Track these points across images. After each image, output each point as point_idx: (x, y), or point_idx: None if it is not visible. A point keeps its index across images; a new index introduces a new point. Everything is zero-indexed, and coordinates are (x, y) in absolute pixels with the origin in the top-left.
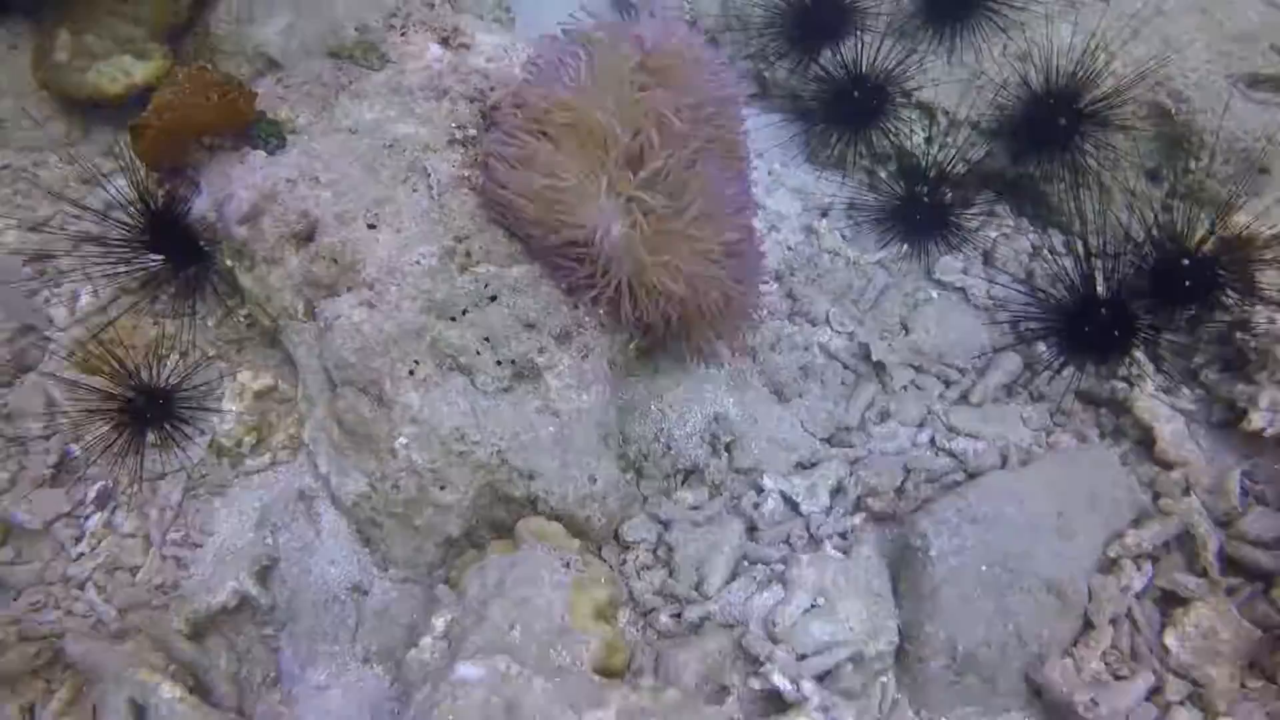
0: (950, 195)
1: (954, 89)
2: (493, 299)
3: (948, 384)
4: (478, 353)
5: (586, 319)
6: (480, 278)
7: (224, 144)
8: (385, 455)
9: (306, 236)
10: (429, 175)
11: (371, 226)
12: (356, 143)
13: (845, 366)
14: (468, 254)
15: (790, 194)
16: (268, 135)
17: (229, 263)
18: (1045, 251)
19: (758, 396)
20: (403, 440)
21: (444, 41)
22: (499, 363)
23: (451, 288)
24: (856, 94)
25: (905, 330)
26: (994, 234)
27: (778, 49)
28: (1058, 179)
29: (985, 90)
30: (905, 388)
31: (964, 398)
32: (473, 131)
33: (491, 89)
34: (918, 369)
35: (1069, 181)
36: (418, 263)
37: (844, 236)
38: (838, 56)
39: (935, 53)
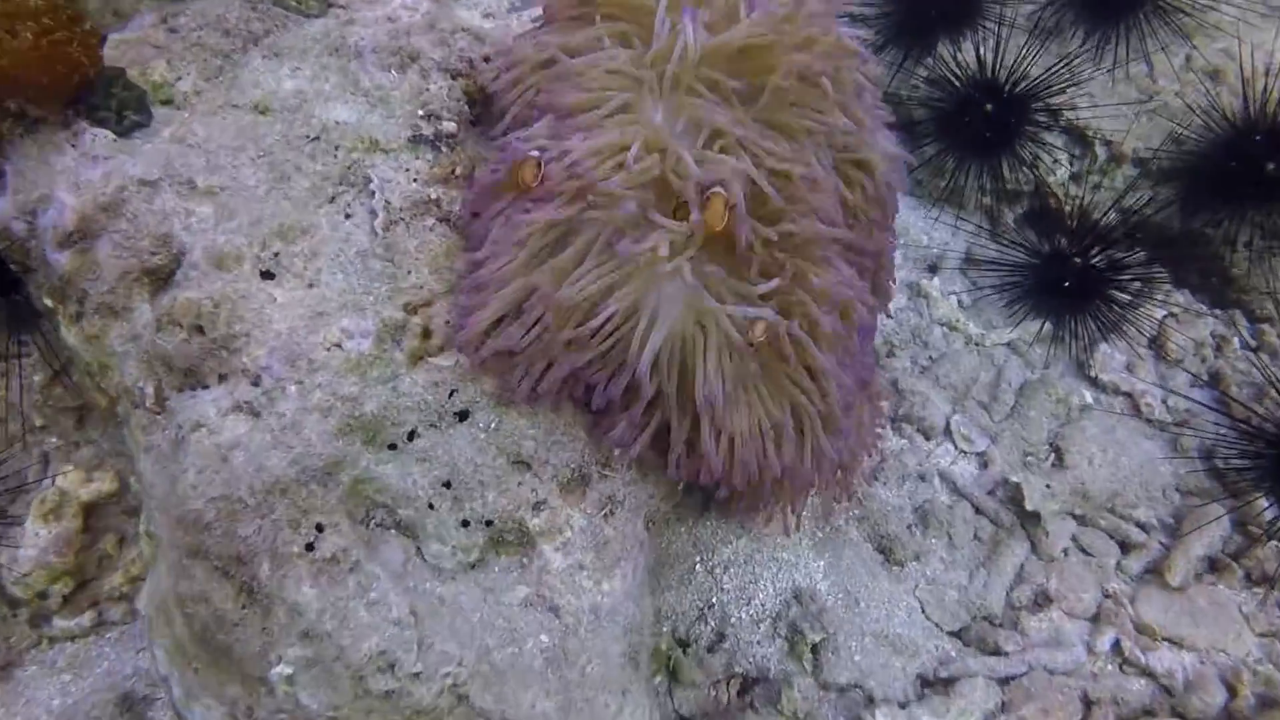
0: (1100, 254)
1: (1116, 111)
2: (462, 416)
3: (1126, 546)
4: (431, 505)
5: (615, 454)
6: (443, 378)
7: (46, 115)
8: (255, 686)
9: (167, 276)
10: (374, 194)
11: (267, 275)
12: (264, 129)
13: (977, 510)
14: (425, 333)
15: None
16: (121, 106)
17: (48, 302)
18: (1235, 344)
19: (856, 559)
20: (283, 670)
21: None
22: (465, 523)
23: (393, 393)
24: (988, 107)
25: (1057, 455)
26: (1160, 313)
27: (876, 36)
28: (1243, 243)
29: (1159, 116)
30: (1067, 551)
31: (1154, 571)
32: (451, 124)
33: (487, 59)
34: (1081, 519)
35: (1259, 247)
36: (339, 345)
37: (961, 303)
38: (959, 54)
39: (1092, 60)
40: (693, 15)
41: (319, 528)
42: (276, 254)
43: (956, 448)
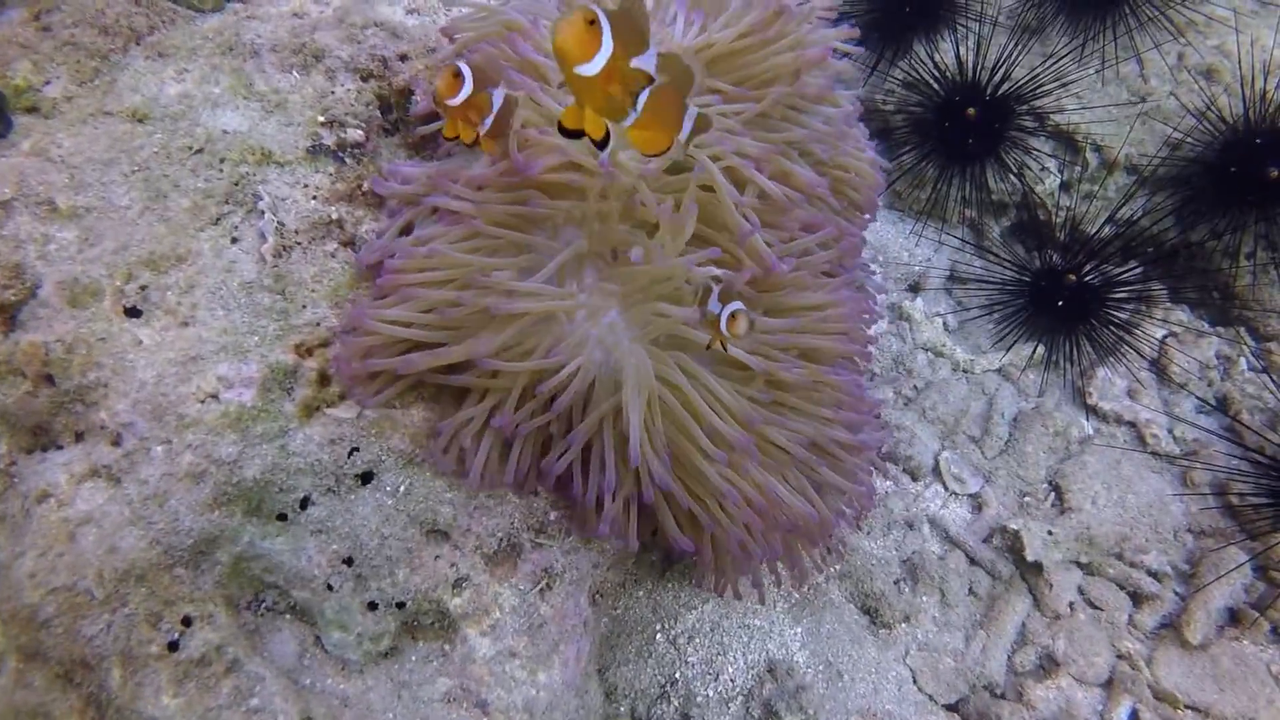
0: (1092, 268)
1: (1107, 115)
2: (365, 478)
3: (1138, 598)
4: (330, 586)
5: (552, 516)
6: (343, 433)
7: None
8: None
9: (16, 308)
10: (264, 213)
11: (132, 313)
12: (141, 140)
13: (972, 560)
14: (321, 379)
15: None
16: None
17: None
18: (1242, 365)
19: (839, 623)
20: None
21: None
22: (372, 606)
23: (282, 453)
24: (970, 111)
25: (1057, 494)
26: (1160, 332)
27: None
28: (1245, 254)
29: (1152, 119)
30: (1073, 605)
31: (1170, 626)
32: (358, 132)
33: (403, 58)
34: (1087, 568)
35: (1263, 260)
36: (215, 396)
37: (947, 326)
38: (936, 54)
39: (1078, 59)
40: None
41: (186, 621)
42: (144, 287)
43: (947, 489)
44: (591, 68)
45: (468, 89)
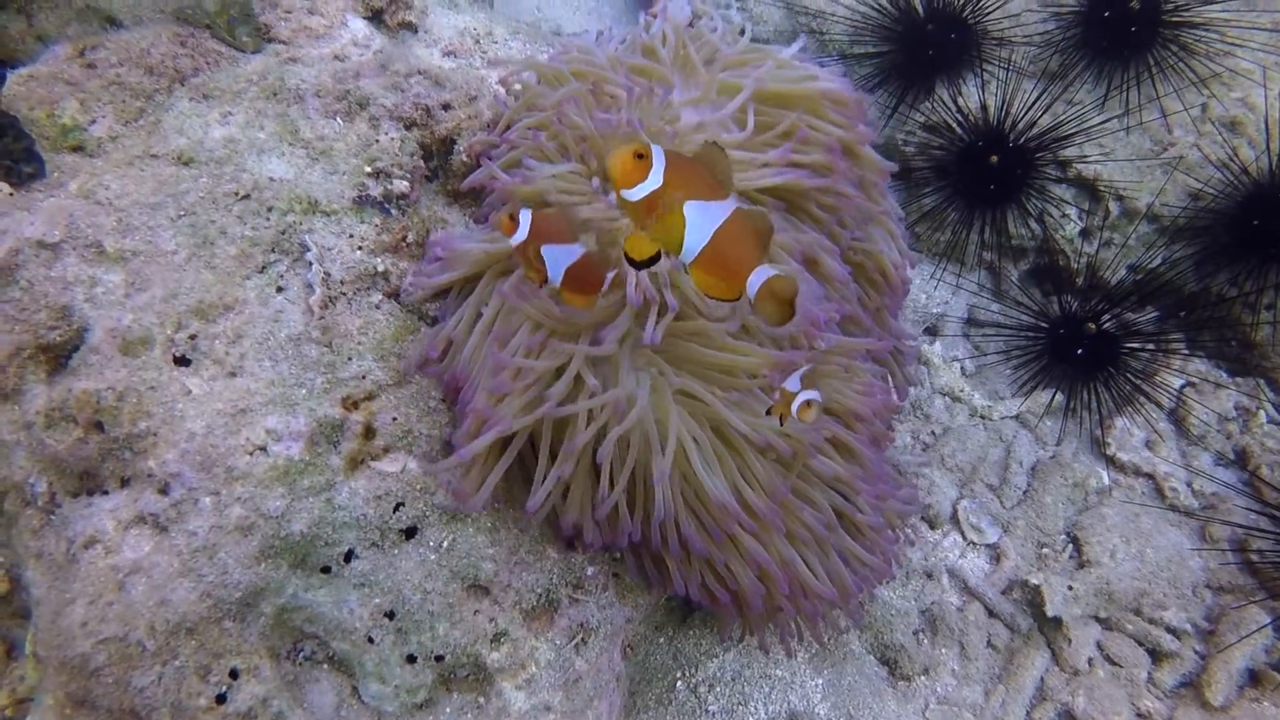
0: (1111, 317)
1: (1129, 163)
2: (409, 533)
3: (1157, 655)
4: (370, 639)
5: (590, 571)
6: (388, 487)
7: None
8: None
9: (67, 353)
10: (311, 264)
11: (182, 362)
12: (187, 184)
13: (991, 612)
14: (367, 433)
15: None
16: (16, 154)
17: None
18: (1262, 418)
19: (859, 674)
20: None
21: (375, 16)
22: (411, 659)
23: (328, 507)
24: (994, 158)
25: (1076, 546)
26: (1178, 382)
27: (870, 76)
28: (1265, 305)
29: (1174, 169)
30: (1092, 661)
31: (1190, 685)
32: (403, 183)
33: (446, 107)
34: (1106, 623)
35: None
36: (264, 449)
37: (964, 370)
38: (959, 98)
39: (1101, 108)
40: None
41: (233, 674)
42: (194, 336)
43: (965, 539)
44: (633, 195)
45: (522, 234)
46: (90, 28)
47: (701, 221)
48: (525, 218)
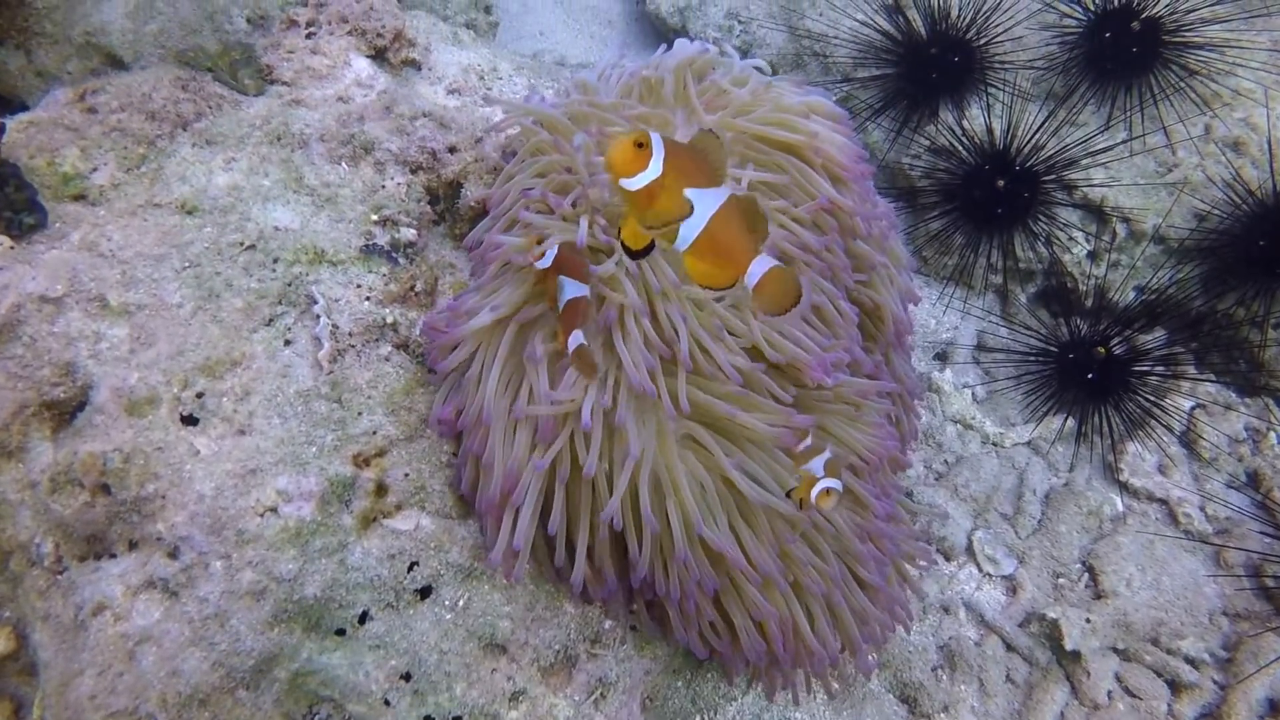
0: (1120, 340)
1: (1135, 186)
2: (424, 593)
3: (1176, 686)
4: (386, 701)
5: (607, 624)
6: (402, 546)
7: None
8: None
9: (71, 410)
10: (318, 317)
11: (189, 421)
12: (191, 234)
13: (1009, 646)
14: (379, 490)
15: None
16: (19, 204)
17: None
18: (1272, 440)
19: (878, 714)
20: None
21: (378, 54)
22: None
23: (341, 568)
24: (1000, 181)
25: (1091, 575)
26: (1188, 404)
27: (875, 99)
28: (1273, 324)
29: (1179, 190)
30: (1111, 694)
31: (1210, 716)
32: (411, 231)
33: (452, 150)
34: (1124, 654)
35: None
36: (275, 510)
37: (975, 397)
38: (964, 120)
39: (1105, 130)
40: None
41: None
42: (201, 394)
43: (981, 570)
44: (633, 184)
45: (547, 262)
46: (90, 63)
47: (696, 209)
48: (552, 249)
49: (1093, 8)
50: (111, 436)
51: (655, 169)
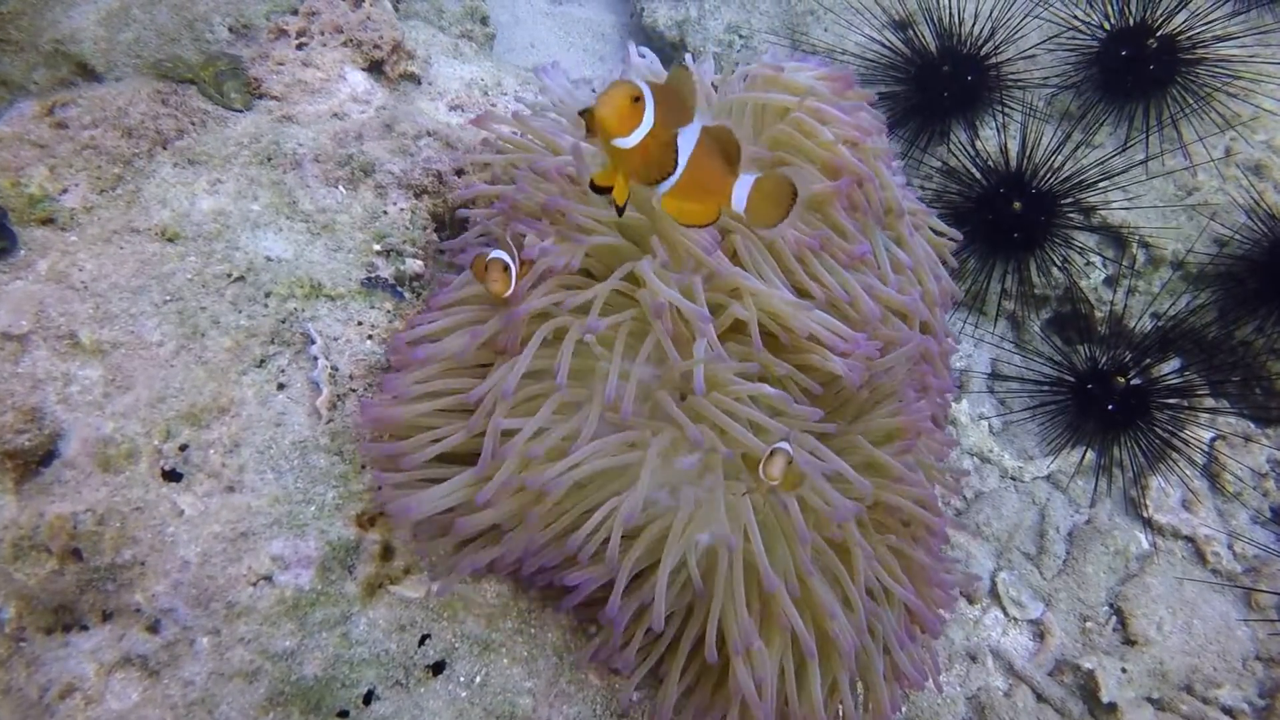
0: (1137, 369)
1: (1154, 209)
2: (437, 668)
3: None
4: None
5: (635, 697)
6: (412, 616)
7: None
8: None
9: (37, 460)
10: (316, 358)
11: (172, 477)
12: (173, 264)
13: (1040, 697)
14: (385, 553)
15: None
16: None
17: None
18: None
19: None
20: None
21: (374, 67)
22: None
23: (344, 642)
24: (1016, 205)
25: (1120, 618)
26: (1207, 434)
27: (885, 117)
28: None
29: (1200, 214)
30: None
31: None
32: (417, 263)
33: (459, 172)
34: (1158, 704)
35: None
36: (269, 579)
37: (991, 428)
38: (977, 140)
39: (1123, 151)
40: None
41: None
42: (184, 446)
43: (1006, 614)
44: (628, 141)
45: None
46: (59, 73)
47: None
48: (514, 265)
49: (1108, 26)
50: (83, 495)
51: (648, 120)
